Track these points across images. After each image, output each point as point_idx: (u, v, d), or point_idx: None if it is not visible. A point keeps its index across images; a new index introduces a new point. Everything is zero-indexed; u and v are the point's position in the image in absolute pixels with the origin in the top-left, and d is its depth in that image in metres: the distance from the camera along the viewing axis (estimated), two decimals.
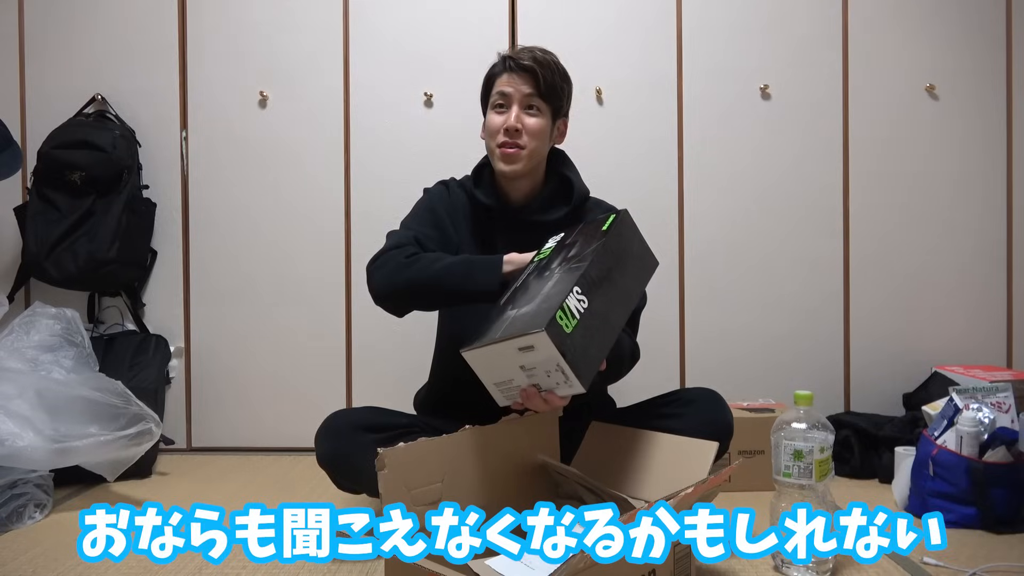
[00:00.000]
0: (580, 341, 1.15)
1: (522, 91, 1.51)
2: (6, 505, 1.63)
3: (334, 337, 2.29)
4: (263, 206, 2.30)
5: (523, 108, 1.51)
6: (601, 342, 1.21)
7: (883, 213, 2.30)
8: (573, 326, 1.15)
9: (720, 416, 1.50)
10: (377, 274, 1.47)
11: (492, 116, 1.54)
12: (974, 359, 2.28)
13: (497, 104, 1.53)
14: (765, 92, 2.28)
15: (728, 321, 2.29)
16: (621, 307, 1.27)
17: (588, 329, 1.17)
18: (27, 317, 1.98)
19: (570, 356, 1.13)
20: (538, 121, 1.52)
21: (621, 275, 1.27)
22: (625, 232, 1.32)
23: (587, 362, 1.17)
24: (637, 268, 1.33)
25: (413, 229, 1.53)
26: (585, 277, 1.20)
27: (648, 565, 1.13)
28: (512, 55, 1.53)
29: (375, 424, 1.50)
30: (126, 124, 2.26)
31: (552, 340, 1.10)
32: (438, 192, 1.64)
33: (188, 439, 2.30)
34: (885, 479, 1.93)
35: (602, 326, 1.21)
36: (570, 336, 1.13)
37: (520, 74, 1.51)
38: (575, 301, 1.17)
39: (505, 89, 1.52)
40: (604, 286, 1.23)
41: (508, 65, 1.53)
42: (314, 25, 2.28)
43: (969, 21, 2.29)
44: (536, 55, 1.53)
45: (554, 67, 1.54)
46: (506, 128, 1.51)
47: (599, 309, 1.20)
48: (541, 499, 1.35)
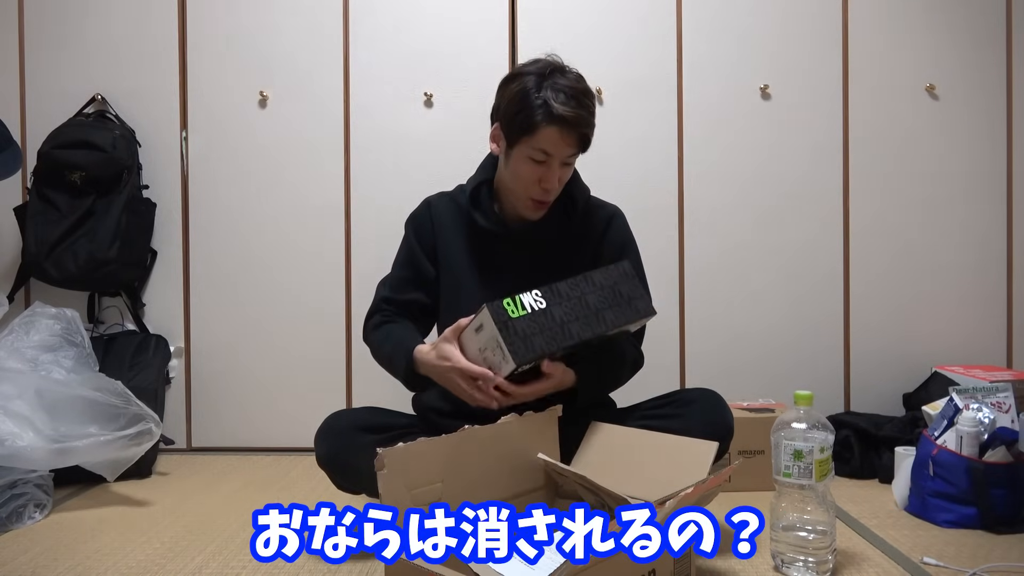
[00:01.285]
0: (523, 328, 1.31)
1: (567, 152, 1.43)
2: (6, 505, 1.63)
3: (334, 337, 2.29)
4: (263, 206, 2.30)
5: (562, 164, 1.44)
6: (551, 341, 1.33)
7: (883, 213, 2.30)
8: (520, 315, 1.31)
9: (720, 416, 1.49)
10: (364, 339, 1.62)
11: (528, 166, 1.43)
12: (974, 359, 2.28)
13: (536, 159, 1.42)
14: (765, 92, 2.28)
15: (728, 321, 2.29)
16: (588, 327, 1.36)
17: (537, 325, 1.32)
18: (27, 317, 1.98)
19: (505, 333, 1.29)
20: (571, 168, 1.49)
21: (597, 302, 1.39)
22: (615, 272, 1.43)
23: (526, 345, 1.30)
24: (620, 305, 1.41)
25: (389, 282, 1.60)
26: (551, 287, 1.36)
27: (648, 565, 1.13)
28: (564, 109, 1.38)
29: (375, 424, 1.50)
30: (126, 124, 2.26)
31: (492, 316, 1.29)
32: (418, 220, 1.60)
33: (188, 439, 2.30)
34: (885, 479, 1.93)
35: (558, 331, 1.34)
36: (513, 320, 1.30)
37: (570, 135, 1.40)
38: (530, 298, 1.33)
39: (550, 149, 1.41)
40: (572, 302, 1.37)
41: (559, 118, 1.38)
42: (314, 25, 2.28)
43: (969, 21, 2.29)
44: (586, 106, 1.41)
45: (595, 114, 1.45)
46: (545, 188, 1.45)
47: (558, 316, 1.35)
48: (541, 499, 1.36)
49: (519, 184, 1.47)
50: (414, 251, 1.58)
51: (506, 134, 1.46)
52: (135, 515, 1.72)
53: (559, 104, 1.38)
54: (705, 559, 1.39)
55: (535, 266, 1.52)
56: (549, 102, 1.38)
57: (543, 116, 1.38)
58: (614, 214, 1.61)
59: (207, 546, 1.51)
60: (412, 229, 1.60)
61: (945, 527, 1.58)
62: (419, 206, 1.63)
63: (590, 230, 1.58)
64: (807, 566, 1.31)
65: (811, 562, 1.31)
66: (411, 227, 1.61)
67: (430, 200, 1.62)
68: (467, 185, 1.59)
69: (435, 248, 1.57)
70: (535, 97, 1.39)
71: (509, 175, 1.49)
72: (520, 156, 1.44)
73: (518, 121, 1.41)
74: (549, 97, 1.38)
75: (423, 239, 1.58)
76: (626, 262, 1.44)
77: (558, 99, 1.38)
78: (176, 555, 1.46)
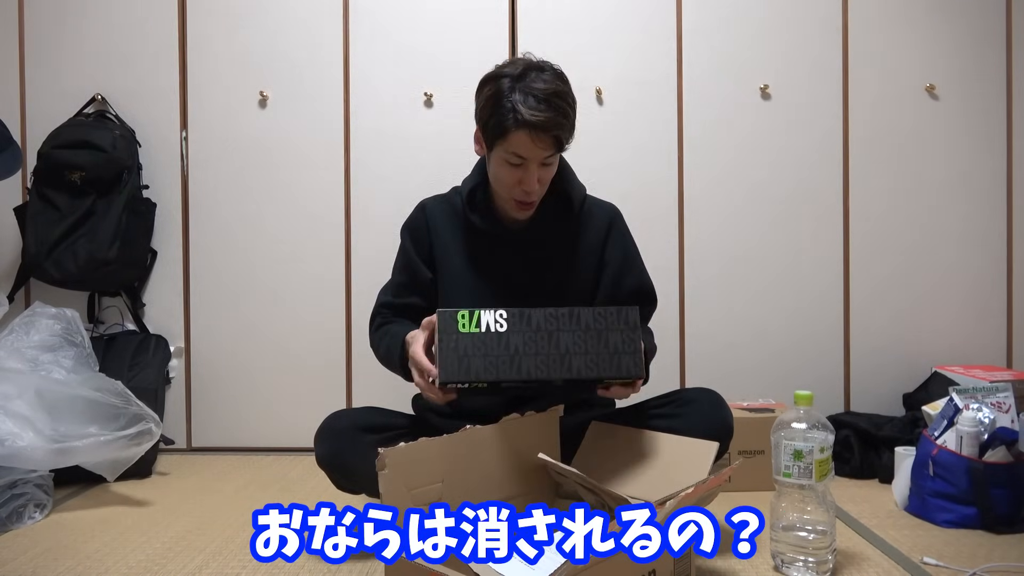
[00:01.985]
0: (466, 347, 1.23)
1: (543, 154, 1.40)
2: (6, 505, 1.63)
3: (334, 337, 2.29)
4: (263, 206, 2.30)
5: (541, 165, 1.42)
6: (491, 370, 1.23)
7: (883, 213, 2.30)
8: (469, 331, 1.23)
9: (720, 416, 1.49)
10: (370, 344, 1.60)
11: (505, 169, 1.42)
12: (974, 359, 2.28)
13: (512, 163, 1.41)
14: (765, 92, 2.28)
15: (728, 321, 2.29)
16: (543, 368, 1.24)
17: (485, 348, 1.23)
18: (27, 317, 1.98)
19: (444, 346, 1.22)
20: (553, 168, 1.47)
21: (571, 344, 1.26)
22: (610, 317, 1.28)
23: (460, 366, 1.22)
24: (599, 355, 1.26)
25: (388, 288, 1.60)
26: (522, 312, 1.26)
27: (648, 565, 1.13)
28: (531, 113, 1.34)
29: (375, 425, 1.50)
30: (126, 124, 2.26)
31: (439, 325, 1.23)
32: (414, 224, 1.60)
33: (188, 439, 2.30)
34: (885, 479, 1.93)
35: (505, 362, 1.23)
36: (460, 334, 1.23)
37: (542, 138, 1.37)
38: (492, 317, 1.24)
39: (523, 153, 1.39)
40: (539, 336, 1.25)
41: (528, 123, 1.35)
42: (314, 25, 2.28)
43: (969, 21, 2.29)
44: (557, 107, 1.36)
45: (571, 112, 1.40)
46: (525, 190, 1.43)
47: (514, 345, 1.24)
48: (541, 499, 1.36)
49: (501, 187, 1.47)
50: (410, 256, 1.58)
51: (484, 138, 1.46)
52: (135, 515, 1.72)
53: (528, 109, 1.35)
54: (705, 559, 1.39)
55: (532, 266, 1.52)
56: (517, 107, 1.35)
57: (512, 121, 1.36)
58: (614, 215, 1.61)
59: (207, 546, 1.51)
60: (408, 235, 1.60)
61: (945, 527, 1.58)
62: (414, 211, 1.62)
63: (589, 230, 1.58)
64: (807, 566, 1.31)
65: (811, 562, 1.31)
66: (407, 233, 1.61)
67: (425, 204, 1.62)
68: (463, 187, 1.59)
69: (431, 251, 1.57)
70: (506, 102, 1.37)
71: (492, 177, 1.49)
72: (498, 159, 1.43)
73: (491, 126, 1.40)
74: (518, 101, 1.35)
75: (419, 244, 1.58)
76: (635, 309, 1.30)
77: (527, 103, 1.35)
78: (176, 555, 1.47)
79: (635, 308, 1.30)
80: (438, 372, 1.24)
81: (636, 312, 1.30)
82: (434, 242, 1.57)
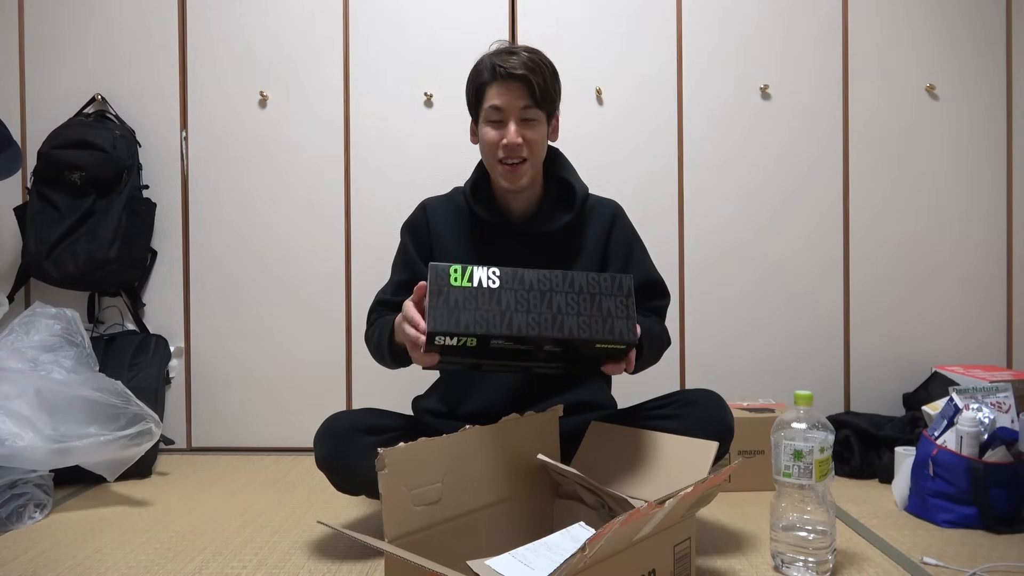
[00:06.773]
0: (457, 299, 1.22)
1: (517, 104, 1.46)
2: (6, 505, 1.63)
3: (334, 337, 2.29)
4: (263, 206, 2.30)
5: (520, 121, 1.47)
6: (481, 323, 1.21)
7: (883, 213, 2.30)
8: (461, 285, 1.23)
9: (720, 417, 1.49)
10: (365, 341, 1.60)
11: (487, 130, 1.49)
12: (974, 359, 2.28)
13: (492, 119, 1.48)
14: (765, 92, 2.28)
15: (728, 321, 2.29)
16: (534, 325, 1.22)
17: (475, 302, 1.22)
18: (27, 317, 1.98)
19: (435, 298, 1.21)
20: (537, 132, 1.49)
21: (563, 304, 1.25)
22: (605, 282, 1.27)
23: (450, 318, 1.21)
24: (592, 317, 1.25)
25: (388, 288, 1.59)
26: (515, 271, 1.26)
27: (648, 565, 1.13)
28: (500, 63, 1.45)
29: (374, 426, 1.50)
30: (126, 124, 2.26)
31: (431, 276, 1.22)
32: (414, 223, 1.61)
33: (188, 439, 2.30)
34: (885, 479, 1.93)
35: (496, 316, 1.22)
36: (451, 288, 1.22)
37: (513, 84, 1.45)
38: (484, 273, 1.24)
39: (498, 102, 1.46)
40: (531, 295, 1.24)
41: (499, 73, 1.45)
42: (314, 25, 2.28)
43: (969, 21, 2.29)
44: (525, 59, 1.46)
45: (545, 70, 1.48)
46: (506, 144, 1.47)
47: (505, 302, 1.23)
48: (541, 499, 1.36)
49: (488, 153, 1.52)
50: (410, 255, 1.58)
51: (471, 113, 1.54)
52: (135, 515, 1.72)
53: (501, 63, 1.46)
54: (705, 559, 1.40)
55: (535, 257, 1.52)
56: (493, 62, 1.47)
57: (488, 75, 1.48)
58: (616, 210, 1.62)
59: (207, 546, 1.51)
60: (408, 233, 1.61)
61: (945, 527, 1.59)
62: (415, 210, 1.63)
63: (592, 224, 1.58)
64: (807, 566, 1.31)
65: (811, 562, 1.31)
66: (407, 232, 1.61)
67: (426, 203, 1.63)
68: (465, 185, 1.61)
69: (432, 249, 1.57)
70: (482, 68, 1.50)
71: (481, 149, 1.54)
72: (483, 125, 1.51)
73: (472, 92, 1.52)
74: (494, 60, 1.48)
75: (419, 242, 1.58)
76: (630, 277, 1.29)
77: (500, 59, 1.47)
78: (176, 555, 1.47)
79: (630, 276, 1.30)
80: (427, 324, 1.22)
81: (631, 280, 1.29)
82: (435, 240, 1.58)
